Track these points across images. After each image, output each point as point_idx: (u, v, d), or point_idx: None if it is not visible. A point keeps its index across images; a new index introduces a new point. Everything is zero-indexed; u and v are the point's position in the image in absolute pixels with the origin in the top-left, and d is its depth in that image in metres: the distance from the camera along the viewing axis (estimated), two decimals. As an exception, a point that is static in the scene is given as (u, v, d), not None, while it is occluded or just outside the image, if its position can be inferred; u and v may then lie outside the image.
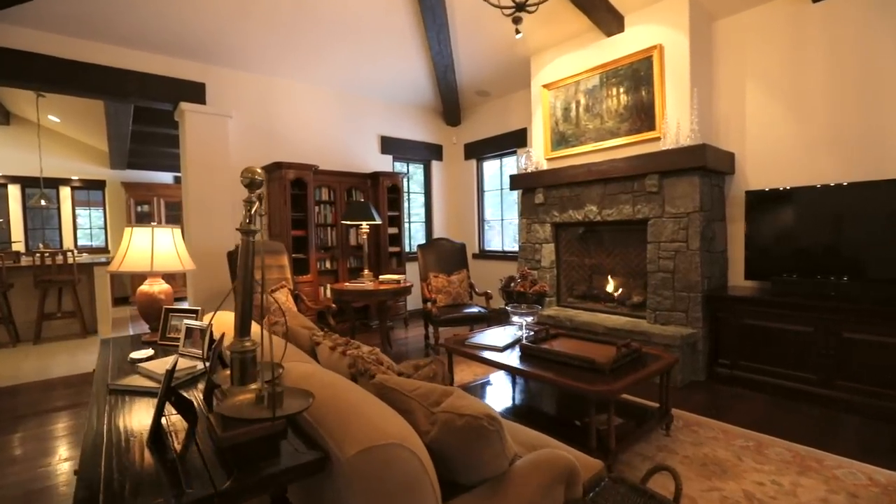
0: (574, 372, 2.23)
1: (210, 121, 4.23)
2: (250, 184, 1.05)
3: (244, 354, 1.03)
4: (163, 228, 1.91)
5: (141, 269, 1.82)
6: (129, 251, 1.84)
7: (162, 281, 1.97)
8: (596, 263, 4.51)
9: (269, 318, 2.45)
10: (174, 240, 1.95)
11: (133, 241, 1.86)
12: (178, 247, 1.96)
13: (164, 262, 1.88)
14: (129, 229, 1.90)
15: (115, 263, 1.85)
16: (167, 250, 1.91)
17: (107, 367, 1.59)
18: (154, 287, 1.93)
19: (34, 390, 3.43)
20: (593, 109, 4.13)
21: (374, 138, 5.60)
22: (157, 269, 1.83)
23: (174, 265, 1.90)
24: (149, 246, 1.86)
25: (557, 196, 4.37)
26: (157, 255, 1.87)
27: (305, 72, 4.78)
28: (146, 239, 1.87)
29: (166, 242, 1.92)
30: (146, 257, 1.85)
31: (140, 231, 1.88)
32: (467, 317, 4.06)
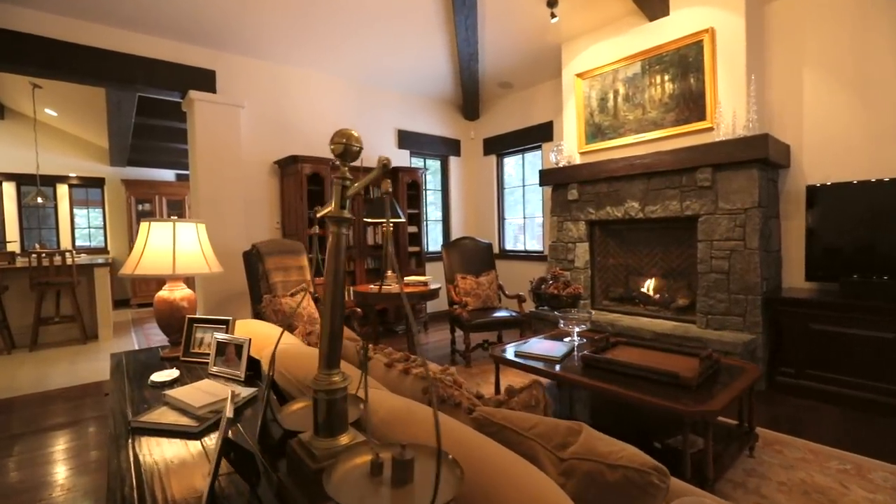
0: (653, 387, 1.96)
1: (221, 111, 3.93)
2: (344, 153, 0.76)
3: (334, 395, 0.74)
4: (186, 223, 1.61)
5: (160, 271, 1.53)
6: (146, 250, 1.55)
7: (183, 285, 1.67)
8: (632, 264, 4.24)
9: (304, 328, 2.16)
10: (199, 237, 1.66)
11: (151, 238, 1.57)
12: (203, 245, 1.66)
13: (189, 263, 1.58)
14: (146, 224, 1.60)
15: (130, 265, 1.55)
16: (191, 249, 1.61)
17: (123, 394, 1.29)
18: (175, 293, 1.63)
19: (31, 404, 3.12)
20: (634, 99, 3.86)
21: (390, 132, 5.31)
22: (180, 272, 1.54)
23: (199, 267, 1.60)
24: (169, 244, 1.56)
25: (593, 192, 4.09)
26: (181, 256, 1.57)
27: (321, 60, 4.49)
28: (166, 236, 1.58)
29: (190, 240, 1.62)
30: (166, 258, 1.55)
31: (159, 227, 1.58)
32: (499, 321, 3.77)
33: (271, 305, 3.03)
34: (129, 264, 1.56)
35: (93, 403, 3.11)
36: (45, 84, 5.13)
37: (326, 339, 0.76)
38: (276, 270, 3.25)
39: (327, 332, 0.76)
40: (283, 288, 3.24)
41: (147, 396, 1.27)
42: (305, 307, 3.19)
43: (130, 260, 1.57)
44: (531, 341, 2.74)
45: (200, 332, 1.57)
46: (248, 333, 1.62)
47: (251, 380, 1.36)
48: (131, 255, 1.59)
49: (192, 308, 1.65)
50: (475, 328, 3.68)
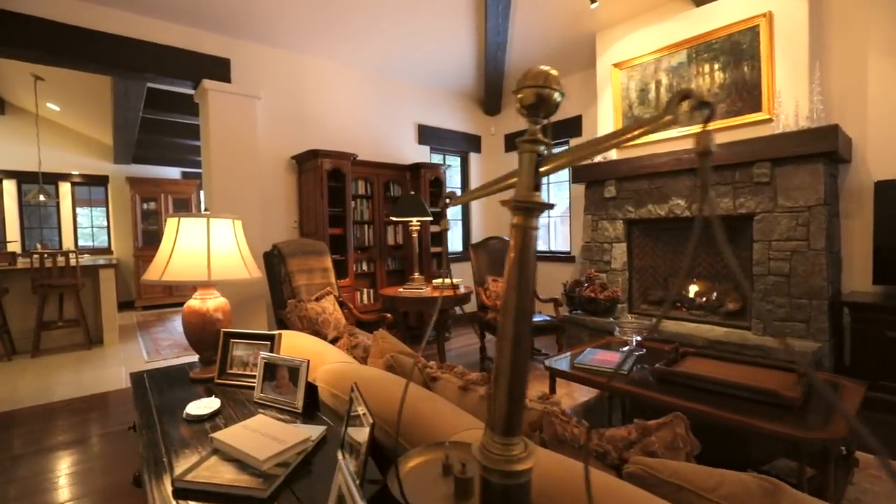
0: (746, 406, 1.71)
1: (236, 102, 3.67)
2: (537, 103, 0.51)
3: (516, 478, 0.49)
4: (221, 219, 1.36)
5: (193, 277, 1.28)
6: (175, 252, 1.29)
7: (216, 293, 1.42)
8: (672, 265, 3.99)
9: (348, 339, 1.91)
10: (236, 235, 1.41)
11: (182, 237, 1.31)
12: (240, 245, 1.41)
13: (226, 266, 1.33)
14: (173, 220, 1.35)
15: (156, 270, 1.30)
16: (228, 249, 1.36)
17: (154, 430, 1.04)
18: (208, 302, 1.38)
19: (33, 418, 2.87)
20: (679, 89, 3.60)
21: (410, 127, 5.06)
22: (216, 278, 1.29)
23: (237, 271, 1.35)
24: (203, 244, 1.31)
25: (633, 189, 3.84)
26: (216, 258, 1.32)
27: (340, 50, 4.24)
28: (199, 234, 1.32)
29: (226, 239, 1.37)
30: (200, 261, 1.30)
31: (191, 223, 1.33)
32: (536, 326, 3.52)
33: (296, 311, 2.78)
34: (154, 268, 1.31)
35: (99, 417, 2.85)
36: (47, 76, 4.88)
37: (505, 385, 0.51)
38: (299, 273, 3.00)
39: (507, 372, 0.51)
40: (307, 292, 2.99)
41: (185, 435, 1.01)
42: (332, 312, 2.94)
43: (156, 263, 1.32)
44: (587, 351, 2.49)
45: (239, 349, 1.32)
46: (291, 349, 1.37)
47: (309, 410, 1.11)
48: (157, 257, 1.34)
49: (227, 320, 1.40)
50: (510, 335, 3.43)
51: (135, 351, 4.47)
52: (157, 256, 1.32)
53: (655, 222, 3.82)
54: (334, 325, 2.90)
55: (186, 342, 4.98)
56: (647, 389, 1.96)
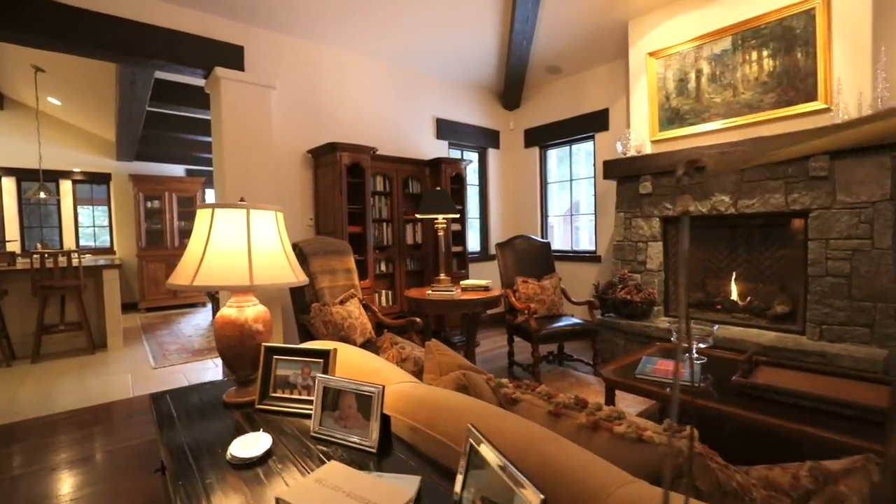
0: (844, 424, 1.49)
1: (250, 91, 3.45)
2: None
3: None
4: (262, 210, 1.13)
5: (233, 281, 1.05)
6: (209, 251, 1.07)
7: (255, 299, 1.20)
8: (710, 265, 3.77)
9: (397, 352, 1.69)
10: (279, 231, 1.18)
11: (216, 232, 1.09)
12: (284, 243, 1.19)
13: (270, 269, 1.10)
14: (205, 212, 1.12)
15: (185, 273, 1.07)
16: (271, 248, 1.14)
17: (193, 482, 0.81)
18: (246, 311, 1.15)
19: (34, 432, 2.64)
20: (722, 79, 3.39)
21: (428, 121, 4.84)
22: (260, 282, 1.06)
23: (283, 274, 1.13)
24: (242, 241, 1.09)
25: (670, 185, 3.62)
26: (259, 258, 1.10)
27: (358, 39, 4.02)
28: (237, 229, 1.10)
29: (269, 234, 1.15)
30: (239, 262, 1.07)
31: (227, 216, 1.10)
32: (570, 330, 3.30)
33: (321, 315, 2.56)
34: (183, 271, 1.08)
35: (105, 432, 2.63)
36: (49, 66, 4.66)
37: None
38: (322, 274, 2.77)
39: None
40: (331, 294, 2.76)
41: (233, 487, 0.79)
42: (358, 317, 2.72)
43: (185, 264, 1.09)
44: (643, 360, 2.26)
45: (284, 368, 1.09)
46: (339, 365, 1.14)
47: (384, 448, 0.88)
48: (186, 257, 1.11)
49: (267, 332, 1.17)
50: (545, 339, 3.21)
51: (140, 356, 4.24)
52: (185, 256, 1.09)
53: (695, 220, 3.60)
54: (361, 330, 2.68)
55: (193, 346, 4.76)
56: (729, 405, 1.74)
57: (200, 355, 4.21)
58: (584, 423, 1.06)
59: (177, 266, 1.12)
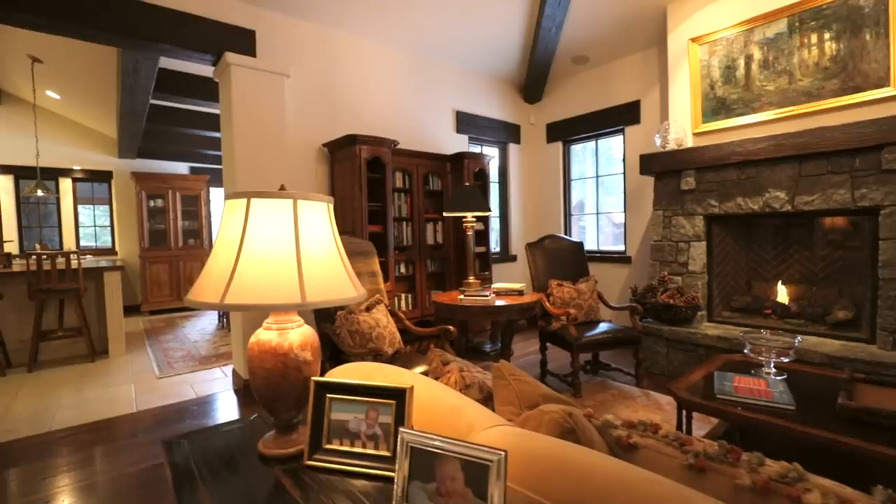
0: None
1: (262, 79, 3.19)
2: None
3: None
4: (312, 202, 0.87)
5: (279, 300, 0.78)
6: (243, 257, 0.81)
7: (299, 318, 0.93)
8: (756, 267, 3.52)
9: (458, 375, 1.42)
10: (333, 229, 0.92)
11: (252, 233, 0.82)
12: (339, 246, 0.92)
13: (325, 280, 0.83)
14: (237, 203, 0.85)
15: (211, 287, 0.80)
16: (325, 252, 0.87)
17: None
18: (290, 335, 0.88)
19: (28, 453, 2.38)
20: (776, 65, 3.12)
21: (448, 113, 4.57)
22: (313, 300, 0.80)
23: (342, 287, 0.86)
24: (289, 244, 0.82)
25: (717, 180, 3.35)
26: (311, 265, 0.83)
27: (376, 25, 3.76)
28: (282, 227, 0.83)
29: (321, 234, 0.88)
30: (285, 271, 0.80)
31: (267, 208, 0.83)
32: (614, 338, 3.03)
33: (346, 325, 2.29)
34: (207, 285, 0.81)
35: (107, 453, 2.36)
36: (47, 56, 4.40)
37: None
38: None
39: None
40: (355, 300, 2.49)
41: None
42: (386, 325, 2.45)
43: (211, 276, 0.82)
44: (717, 376, 1.99)
45: (341, 410, 0.83)
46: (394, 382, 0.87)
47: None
48: (211, 266, 0.84)
49: (316, 360, 0.90)
50: (586, 347, 2.95)
51: (144, 364, 3.98)
52: (211, 264, 0.83)
53: (744, 218, 3.33)
54: (389, 340, 2.42)
55: (200, 353, 4.48)
56: (837, 433, 1.48)
57: (208, 363, 3.95)
58: (746, 484, 0.79)
59: (199, 277, 0.85)
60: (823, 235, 3.17)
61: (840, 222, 3.08)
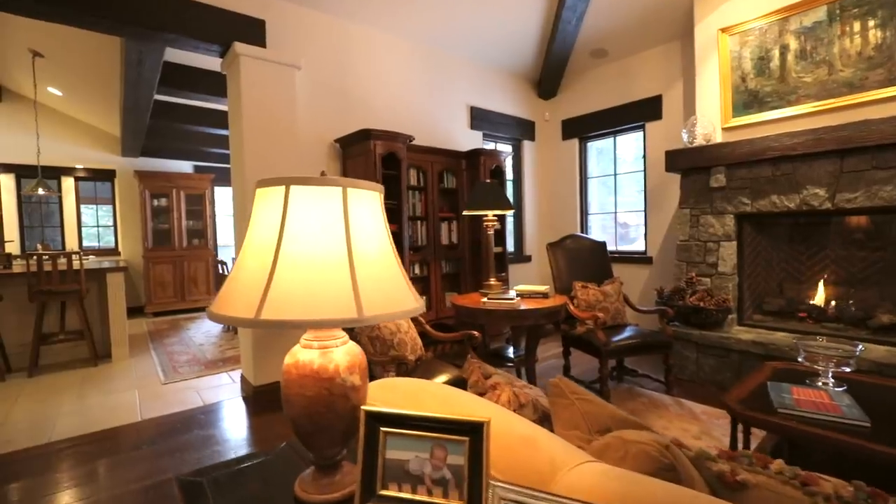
0: None
1: (273, 71, 3.04)
2: None
3: None
4: (362, 190, 0.71)
5: (330, 313, 0.62)
6: (281, 261, 0.65)
7: (343, 335, 0.77)
8: (789, 268, 3.36)
9: (510, 392, 1.27)
10: (385, 226, 0.76)
11: (292, 230, 0.66)
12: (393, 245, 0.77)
13: (382, 289, 0.67)
14: (270, 193, 0.70)
15: (243, 300, 0.64)
16: (380, 253, 0.72)
17: None
18: (334, 354, 0.72)
19: (26, 466, 2.23)
20: (814, 55, 2.96)
21: (462, 109, 4.42)
22: (371, 313, 0.64)
23: (401, 298, 0.71)
24: (340, 244, 0.67)
25: (749, 177, 3.19)
26: (365, 269, 0.67)
27: (389, 17, 3.61)
28: (330, 222, 0.67)
29: (374, 231, 0.72)
30: (337, 278, 0.64)
31: (311, 198, 0.67)
32: (643, 343, 2.88)
33: (367, 331, 2.14)
34: (238, 295, 0.66)
35: (112, 467, 2.22)
36: (48, 50, 4.26)
37: None
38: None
39: None
40: (374, 304, 2.35)
41: None
42: (407, 331, 2.30)
43: (240, 285, 0.66)
44: (771, 387, 1.83)
45: (399, 447, 0.68)
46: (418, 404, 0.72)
47: None
48: (240, 272, 0.69)
49: (365, 385, 0.75)
50: (616, 353, 2.79)
51: (148, 369, 3.84)
52: (238, 270, 0.67)
53: (779, 217, 3.17)
54: (411, 346, 2.27)
55: (206, 357, 4.31)
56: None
57: (214, 367, 3.81)
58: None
59: (224, 285, 0.69)
60: (864, 234, 3.01)
61: (882, 221, 2.91)
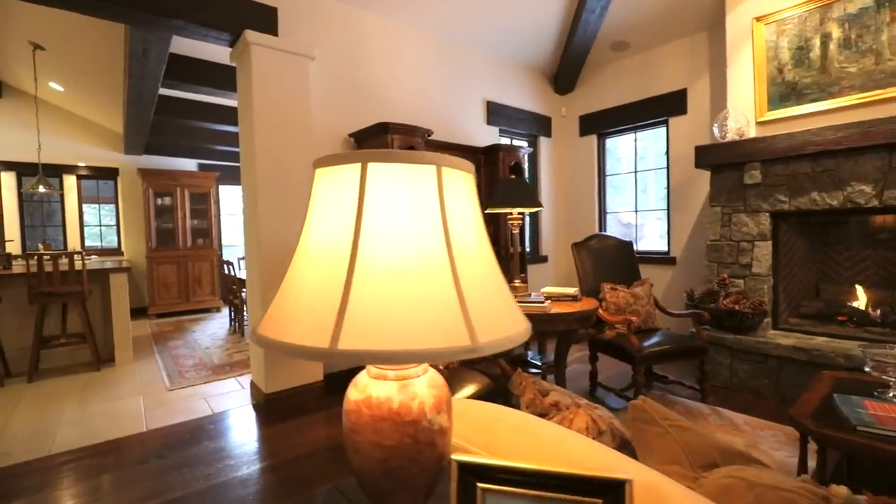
0: None
1: (285, 61, 2.89)
2: None
3: None
4: (457, 171, 0.54)
5: (436, 342, 0.45)
6: (359, 269, 0.49)
7: (425, 365, 0.60)
8: (827, 269, 3.19)
9: (586, 417, 1.10)
10: (481, 220, 0.60)
11: (371, 224, 0.50)
12: (491, 247, 0.60)
13: (494, 307, 0.50)
14: (339, 174, 0.52)
15: (308, 321, 0.47)
16: (483, 258, 0.54)
17: None
18: (416, 387, 0.54)
19: (24, 484, 2.07)
20: (860, 44, 2.79)
21: (478, 104, 4.26)
22: (487, 339, 0.47)
23: (515, 320, 0.54)
24: (438, 245, 0.50)
25: (786, 173, 3.02)
26: (470, 280, 0.50)
27: (405, 7, 3.45)
28: (425, 212, 0.50)
29: (473, 227, 0.55)
30: (438, 291, 0.47)
31: (392, 180, 0.49)
32: (678, 349, 2.71)
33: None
34: (299, 318, 0.48)
35: (116, 483, 2.06)
36: (49, 43, 4.12)
37: None
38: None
39: None
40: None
41: None
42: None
43: (301, 302, 0.49)
44: (839, 400, 1.67)
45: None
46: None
47: None
48: (292, 283, 0.52)
49: (451, 425, 0.59)
50: (650, 359, 2.62)
51: (153, 374, 3.68)
52: (290, 285, 0.50)
53: (819, 215, 3.00)
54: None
55: (213, 361, 4.12)
56: None
57: (222, 372, 3.65)
58: None
59: (275, 301, 0.53)
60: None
61: (932, 219, 2.75)
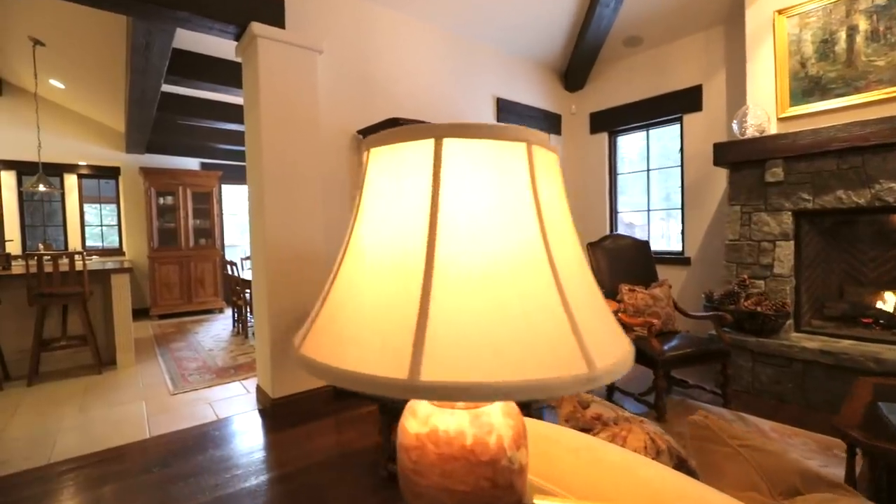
0: None
1: (293, 55, 2.79)
2: None
3: None
4: (546, 153, 0.46)
5: (542, 371, 0.35)
6: (437, 276, 0.38)
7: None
8: (850, 270, 3.09)
9: (643, 435, 1.01)
10: (570, 211, 0.50)
11: (450, 218, 0.40)
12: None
13: (602, 322, 0.43)
14: (407, 152, 0.44)
15: (375, 346, 0.36)
16: (577, 257, 0.46)
17: None
18: (493, 418, 0.43)
19: (25, 493, 1.98)
20: (888, 36, 2.69)
21: (488, 100, 4.17)
22: (604, 365, 0.37)
23: (619, 337, 0.46)
24: (535, 244, 0.41)
25: (810, 171, 2.92)
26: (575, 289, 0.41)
27: (414, 0, 3.36)
28: (517, 203, 0.41)
29: (566, 220, 0.47)
30: (539, 305, 0.38)
31: (475, 162, 0.42)
32: (700, 352, 2.61)
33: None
34: (361, 340, 0.36)
35: (117, 495, 1.97)
36: (49, 38, 4.03)
37: None
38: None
39: None
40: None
41: None
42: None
43: (361, 318, 0.37)
44: (885, 409, 1.57)
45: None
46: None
47: None
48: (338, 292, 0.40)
49: (527, 462, 0.49)
50: (672, 363, 2.53)
51: (156, 377, 3.59)
52: (342, 296, 0.41)
53: (845, 214, 2.90)
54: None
55: (216, 364, 3.99)
56: None
57: (226, 376, 3.56)
58: None
59: (320, 310, 0.41)
60: (940, 234, 2.74)
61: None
